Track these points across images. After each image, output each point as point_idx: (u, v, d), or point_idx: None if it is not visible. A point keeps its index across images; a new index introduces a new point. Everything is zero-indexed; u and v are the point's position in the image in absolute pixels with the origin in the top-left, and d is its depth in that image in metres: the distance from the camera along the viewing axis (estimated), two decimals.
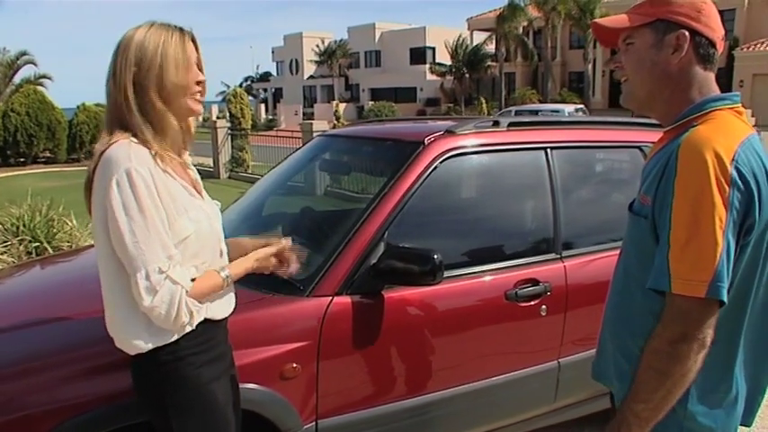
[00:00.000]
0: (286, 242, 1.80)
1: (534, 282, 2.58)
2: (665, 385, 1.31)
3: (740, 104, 1.40)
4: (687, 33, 1.37)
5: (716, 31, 1.40)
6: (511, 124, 2.80)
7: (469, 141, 2.61)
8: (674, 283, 1.27)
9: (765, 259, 1.34)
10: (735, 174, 1.24)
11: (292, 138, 13.57)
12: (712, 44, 1.39)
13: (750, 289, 1.35)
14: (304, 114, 41.12)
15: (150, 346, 1.52)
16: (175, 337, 1.53)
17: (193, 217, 1.55)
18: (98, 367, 1.80)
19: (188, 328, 1.54)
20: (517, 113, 21.29)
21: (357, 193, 3.13)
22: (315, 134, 12.62)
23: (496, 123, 2.78)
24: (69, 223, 6.89)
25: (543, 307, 2.58)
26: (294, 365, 2.06)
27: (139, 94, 1.50)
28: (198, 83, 1.58)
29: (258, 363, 1.98)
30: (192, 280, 1.53)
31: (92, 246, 3.35)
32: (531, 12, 36.07)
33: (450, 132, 2.58)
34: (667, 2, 1.39)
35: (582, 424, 3.21)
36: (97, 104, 19.45)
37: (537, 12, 35.83)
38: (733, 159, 1.25)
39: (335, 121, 15.38)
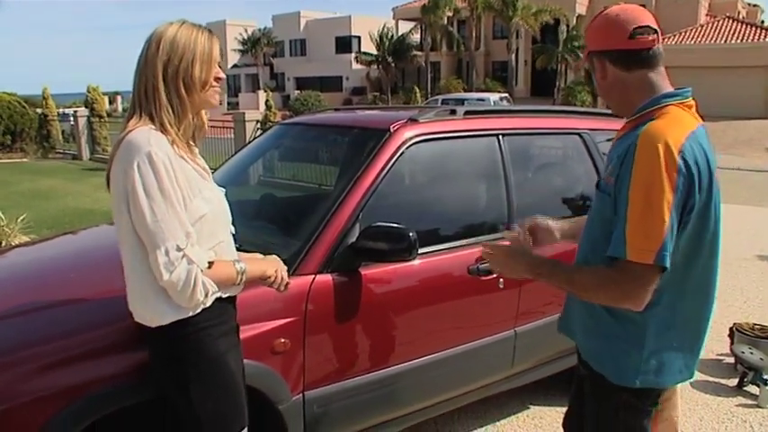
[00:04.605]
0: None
1: None
2: (576, 292, 1.67)
3: (690, 99, 1.65)
4: (596, 58, 1.70)
5: (615, 40, 1.64)
6: (467, 113, 3.01)
7: (431, 128, 2.80)
8: (629, 252, 1.51)
9: (705, 230, 1.60)
10: (681, 163, 1.49)
11: (224, 127, 13.41)
12: (620, 51, 1.64)
13: (694, 254, 1.61)
14: (228, 104, 40.34)
15: (169, 320, 1.63)
16: (191, 313, 1.64)
17: (207, 197, 1.69)
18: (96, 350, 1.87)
19: (202, 306, 1.66)
20: (443, 102, 21.75)
21: (320, 184, 3.25)
22: (248, 122, 12.77)
23: (453, 112, 2.98)
24: None
25: (501, 280, 2.82)
26: (283, 340, 2.19)
27: (168, 81, 1.63)
28: (217, 79, 1.71)
29: (251, 339, 2.09)
30: (210, 264, 1.65)
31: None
32: (455, 2, 36.71)
33: (413, 120, 2.76)
34: (588, 42, 1.75)
35: (547, 386, 3.49)
36: (9, 93, 18.15)
37: (461, 2, 36.52)
38: (680, 151, 1.49)
39: (267, 111, 15.21)
